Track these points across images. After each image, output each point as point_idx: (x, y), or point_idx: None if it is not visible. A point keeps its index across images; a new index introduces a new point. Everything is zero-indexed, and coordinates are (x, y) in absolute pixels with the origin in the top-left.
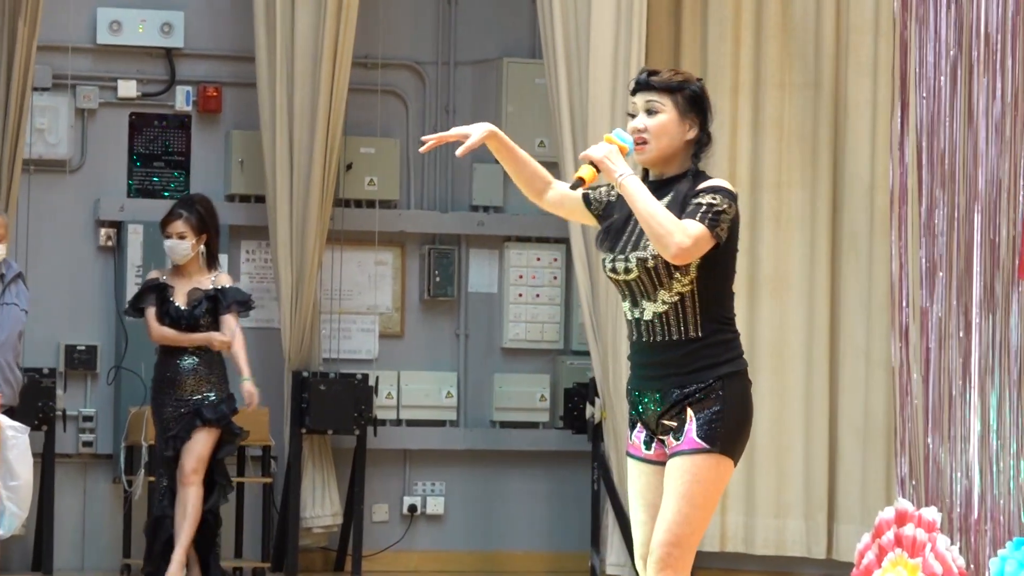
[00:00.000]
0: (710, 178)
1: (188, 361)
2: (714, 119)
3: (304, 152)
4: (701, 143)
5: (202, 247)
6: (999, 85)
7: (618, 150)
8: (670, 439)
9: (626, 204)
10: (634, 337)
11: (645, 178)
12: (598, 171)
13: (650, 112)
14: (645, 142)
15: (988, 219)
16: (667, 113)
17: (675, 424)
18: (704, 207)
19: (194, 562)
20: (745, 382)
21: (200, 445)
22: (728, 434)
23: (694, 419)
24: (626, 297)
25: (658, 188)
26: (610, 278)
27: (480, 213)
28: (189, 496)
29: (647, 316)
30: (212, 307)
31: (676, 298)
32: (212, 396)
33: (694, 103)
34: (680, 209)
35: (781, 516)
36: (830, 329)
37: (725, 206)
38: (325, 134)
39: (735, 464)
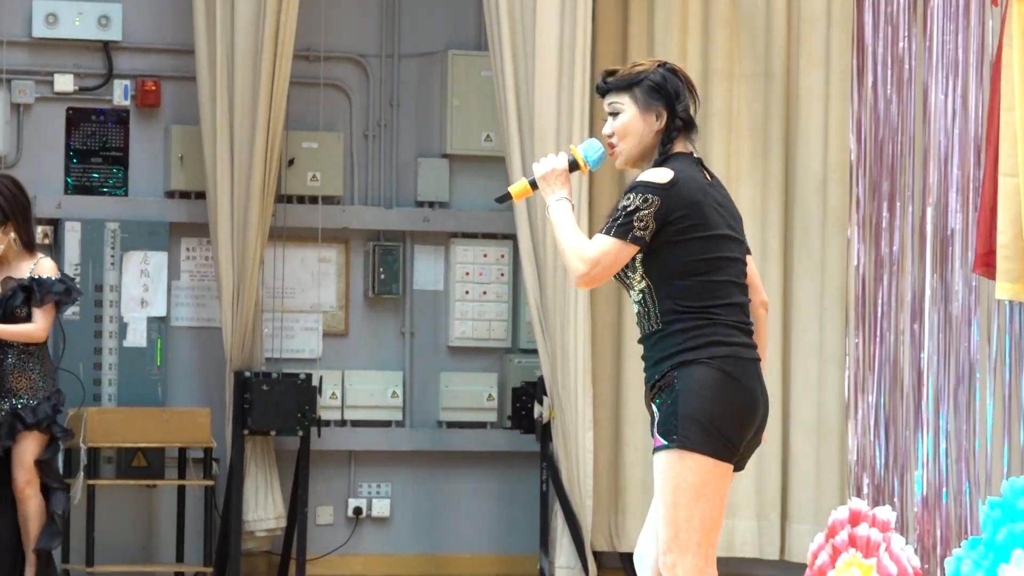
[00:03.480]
0: (656, 168)
1: (10, 358)
2: (696, 101)
3: (245, 147)
4: (670, 130)
5: (12, 234)
6: (953, 78)
7: (566, 168)
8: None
9: None
10: None
11: None
12: (535, 188)
13: (614, 114)
14: (613, 147)
15: (941, 213)
16: (627, 111)
17: (651, 418)
18: (617, 213)
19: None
20: (707, 371)
21: (27, 454)
22: (685, 428)
23: (657, 414)
24: None
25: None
26: None
27: (425, 209)
28: (30, 511)
29: (635, 313)
30: (29, 298)
31: (640, 296)
32: (32, 397)
33: (655, 92)
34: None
35: (732, 516)
36: (782, 325)
37: (638, 203)
38: (266, 129)
39: (716, 456)
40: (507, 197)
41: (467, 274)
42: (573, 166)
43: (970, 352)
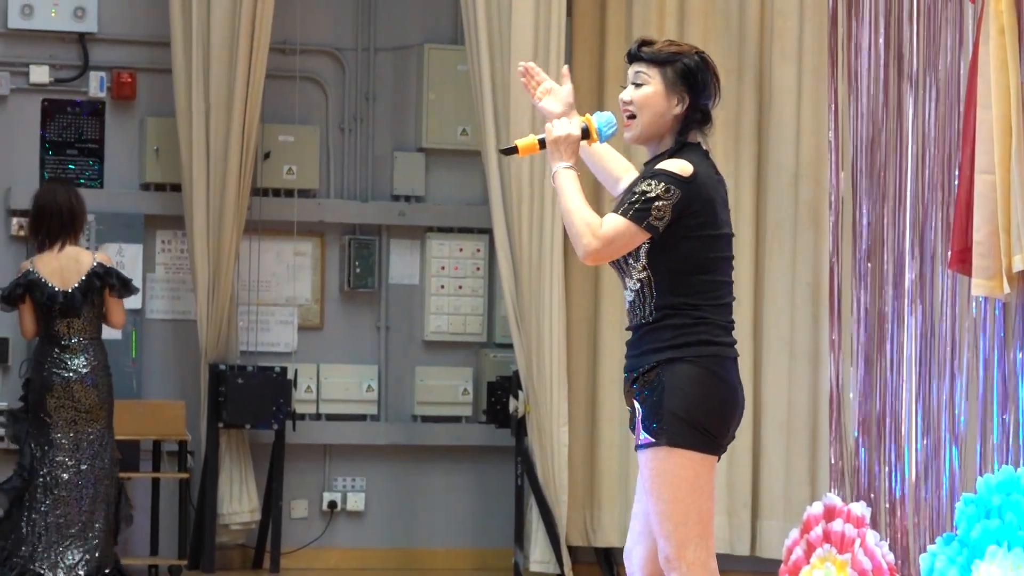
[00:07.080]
0: (674, 158)
1: None
2: (718, 98)
3: (221, 140)
4: (689, 120)
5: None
6: (930, 74)
7: (579, 137)
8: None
9: None
10: None
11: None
12: (542, 148)
13: (637, 84)
14: (633, 116)
15: (919, 210)
16: (652, 86)
17: (631, 412)
18: (635, 196)
19: None
20: (692, 368)
21: None
22: (671, 424)
23: (640, 410)
24: None
25: (647, 167)
26: None
27: (401, 203)
28: None
29: (626, 302)
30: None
31: (638, 285)
32: None
33: (684, 77)
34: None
35: None
36: (753, 321)
37: (659, 191)
38: (242, 121)
39: (703, 451)
40: (513, 150)
41: (443, 268)
42: (584, 134)
43: (946, 349)
